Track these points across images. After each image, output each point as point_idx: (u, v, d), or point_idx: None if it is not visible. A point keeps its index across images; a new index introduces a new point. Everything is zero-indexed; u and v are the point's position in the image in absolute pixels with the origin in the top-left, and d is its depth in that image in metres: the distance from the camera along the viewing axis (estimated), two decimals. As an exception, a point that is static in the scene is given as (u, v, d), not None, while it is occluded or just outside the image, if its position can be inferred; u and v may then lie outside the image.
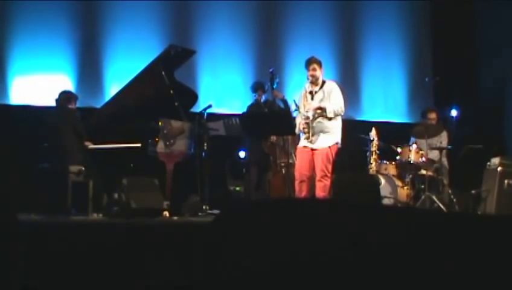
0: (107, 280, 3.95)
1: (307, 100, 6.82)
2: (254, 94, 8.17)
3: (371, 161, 7.83)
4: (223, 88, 9.33)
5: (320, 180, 6.67)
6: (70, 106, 7.20)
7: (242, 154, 8.36)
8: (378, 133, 7.85)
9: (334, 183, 6.74)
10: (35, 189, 6.63)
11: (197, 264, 1.74)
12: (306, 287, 1.61)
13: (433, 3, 10.37)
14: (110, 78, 8.92)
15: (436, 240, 1.65)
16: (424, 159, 7.74)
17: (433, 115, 8.25)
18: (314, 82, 6.84)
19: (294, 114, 7.02)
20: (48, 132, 7.12)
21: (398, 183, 7.92)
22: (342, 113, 6.84)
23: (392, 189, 7.86)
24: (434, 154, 8.01)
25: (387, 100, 10.09)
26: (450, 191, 7.69)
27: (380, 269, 1.61)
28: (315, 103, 6.76)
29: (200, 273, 1.72)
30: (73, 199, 6.53)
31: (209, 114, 7.57)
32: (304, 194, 6.66)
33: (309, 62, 6.85)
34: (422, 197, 7.52)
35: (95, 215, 6.52)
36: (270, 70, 7.45)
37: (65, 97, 7.27)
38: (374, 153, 7.81)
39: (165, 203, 6.68)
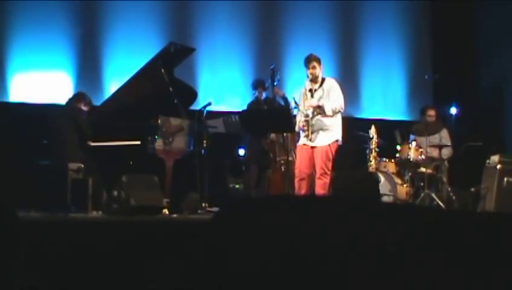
0: (107, 277, 3.95)
1: (306, 98, 6.83)
2: (254, 91, 8.16)
3: (371, 159, 7.82)
4: (222, 85, 9.33)
5: (319, 178, 6.67)
6: (78, 105, 7.20)
7: (242, 151, 8.36)
8: (377, 131, 7.85)
9: (333, 181, 6.75)
10: (34, 186, 6.63)
11: (197, 262, 1.74)
12: (306, 286, 1.61)
13: (433, 2, 10.37)
14: (109, 75, 8.92)
15: (436, 238, 1.65)
16: (423, 156, 7.74)
17: (432, 112, 8.25)
18: (313, 80, 6.84)
19: (294, 112, 7.02)
20: (48, 128, 7.13)
21: (398, 181, 7.93)
22: (342, 111, 6.84)
23: (391, 187, 7.86)
24: (434, 152, 8.01)
25: (386, 98, 10.09)
26: (449, 189, 7.69)
27: (379, 268, 1.61)
28: (315, 101, 6.77)
29: (200, 271, 1.72)
30: (72, 196, 6.53)
31: (209, 111, 7.57)
32: (303, 191, 6.66)
33: (308, 60, 6.84)
34: (422, 194, 7.52)
35: (94, 212, 6.52)
36: (271, 67, 7.44)
37: (77, 97, 7.30)
38: (373, 150, 7.81)
39: (165, 201, 6.68)
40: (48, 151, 7.01)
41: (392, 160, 8.08)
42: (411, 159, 7.76)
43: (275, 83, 7.42)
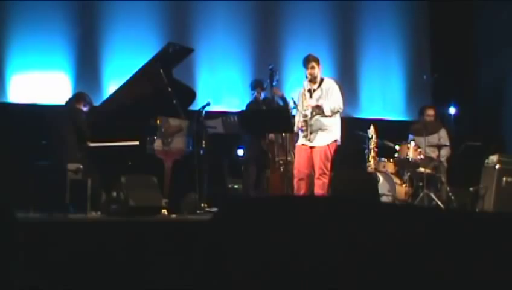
0: (106, 278, 3.95)
1: (305, 98, 6.83)
2: (253, 92, 8.16)
3: (369, 159, 7.82)
4: (221, 86, 9.33)
5: (318, 178, 6.67)
6: (77, 106, 7.19)
7: (240, 152, 8.35)
8: (376, 131, 7.85)
9: (332, 181, 6.75)
10: (33, 187, 6.62)
11: (197, 262, 1.74)
12: (305, 286, 1.61)
13: (432, 2, 10.37)
14: (108, 75, 8.92)
15: (435, 238, 1.65)
16: (422, 156, 7.74)
17: (431, 112, 8.25)
18: (312, 80, 6.84)
19: (293, 112, 7.02)
20: (48, 129, 7.12)
21: (397, 181, 7.93)
22: (340, 111, 6.84)
23: (390, 187, 7.86)
24: (432, 152, 8.01)
25: (385, 98, 10.09)
26: (448, 189, 7.70)
27: (378, 267, 1.61)
28: (313, 101, 6.77)
29: (200, 271, 1.72)
30: (71, 197, 6.52)
31: (208, 112, 7.57)
32: (302, 192, 6.66)
33: (307, 60, 6.84)
34: (421, 194, 7.53)
35: (93, 213, 6.51)
36: (270, 67, 7.43)
37: (76, 97, 7.29)
38: (372, 150, 7.81)
39: (164, 201, 6.68)
40: (47, 151, 7.00)
41: (391, 160, 8.08)
42: (410, 159, 7.76)
43: (274, 83, 7.41)
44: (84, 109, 7.23)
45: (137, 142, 7.07)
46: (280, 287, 1.64)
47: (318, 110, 6.73)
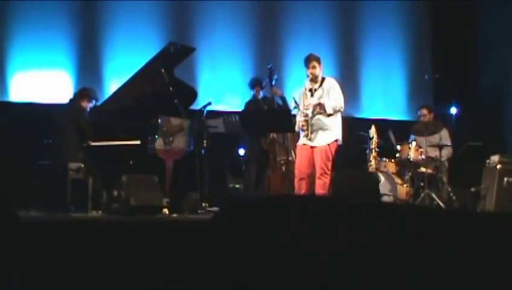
0: (107, 277, 3.95)
1: (306, 98, 6.83)
2: (252, 90, 8.17)
3: (371, 159, 7.82)
4: (222, 85, 9.33)
5: (319, 178, 6.67)
6: (82, 104, 7.18)
7: (241, 151, 8.36)
8: (377, 131, 7.85)
9: (333, 180, 6.74)
10: (34, 186, 6.63)
11: (197, 262, 1.74)
12: (305, 286, 1.61)
13: (433, 2, 10.37)
14: (109, 74, 8.92)
15: (436, 238, 1.65)
16: (423, 156, 7.74)
17: (424, 111, 8.23)
18: (313, 79, 6.84)
19: (294, 112, 7.02)
20: (49, 128, 7.12)
21: (398, 181, 7.92)
22: (342, 110, 6.84)
23: (391, 187, 7.86)
24: (434, 152, 8.01)
25: (386, 98, 10.10)
26: (449, 189, 7.69)
27: (379, 268, 1.61)
28: (315, 100, 6.76)
29: (200, 271, 1.72)
30: (72, 196, 6.53)
31: (209, 111, 7.57)
32: (303, 191, 6.65)
33: (308, 60, 6.84)
34: (422, 194, 7.52)
35: (94, 212, 6.52)
36: (269, 66, 7.41)
37: (79, 94, 7.27)
38: (373, 150, 7.80)
39: (165, 201, 6.69)
40: (48, 150, 7.01)
41: (392, 160, 8.07)
42: (411, 159, 7.76)
43: (273, 83, 7.41)
44: (89, 105, 7.22)
45: (138, 142, 7.07)
46: (280, 287, 1.64)
47: (320, 108, 6.72)
